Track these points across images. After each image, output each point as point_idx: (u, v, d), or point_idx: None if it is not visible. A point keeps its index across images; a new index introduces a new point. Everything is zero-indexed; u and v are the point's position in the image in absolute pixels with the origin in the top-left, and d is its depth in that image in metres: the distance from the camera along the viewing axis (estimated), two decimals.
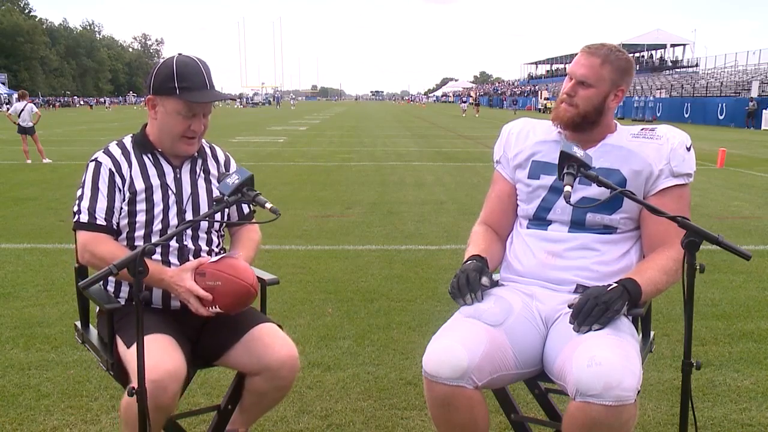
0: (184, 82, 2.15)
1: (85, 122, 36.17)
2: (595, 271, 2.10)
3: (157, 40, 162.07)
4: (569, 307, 1.97)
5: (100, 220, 2.18)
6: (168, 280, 2.11)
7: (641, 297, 1.98)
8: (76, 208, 2.21)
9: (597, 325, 1.89)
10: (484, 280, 2.08)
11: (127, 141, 2.30)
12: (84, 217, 2.18)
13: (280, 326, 2.29)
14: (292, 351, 2.21)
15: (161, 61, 2.24)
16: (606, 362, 1.73)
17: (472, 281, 2.05)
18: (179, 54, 2.23)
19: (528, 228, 2.23)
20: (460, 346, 1.87)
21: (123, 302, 2.24)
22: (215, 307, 2.09)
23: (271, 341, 2.20)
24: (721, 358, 3.61)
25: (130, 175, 2.22)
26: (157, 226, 2.22)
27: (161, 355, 1.94)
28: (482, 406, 1.92)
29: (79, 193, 2.22)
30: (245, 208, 2.44)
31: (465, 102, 57.04)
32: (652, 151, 2.11)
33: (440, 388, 1.87)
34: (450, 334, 1.94)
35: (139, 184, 2.22)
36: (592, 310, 1.90)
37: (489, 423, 1.98)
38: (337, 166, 13.75)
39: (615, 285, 1.97)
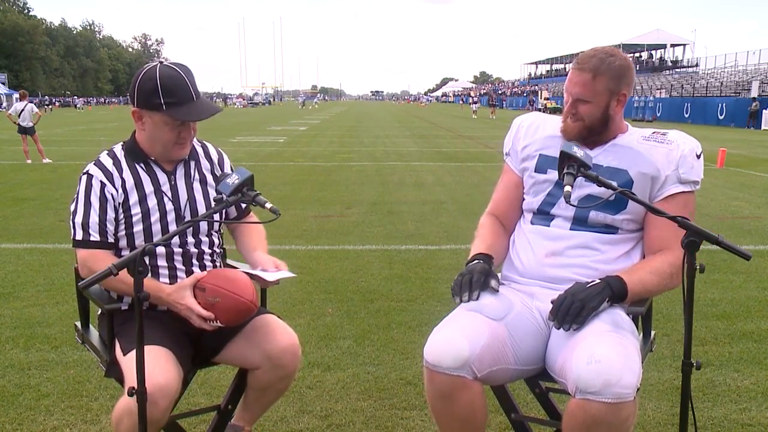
0: (170, 97, 2.09)
1: (85, 122, 36.16)
2: (594, 269, 2.10)
3: (157, 40, 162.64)
4: (551, 302, 1.97)
5: (94, 236, 2.15)
6: (166, 297, 2.10)
7: (627, 295, 1.98)
8: (70, 224, 2.18)
9: (575, 324, 1.90)
10: (494, 284, 2.08)
11: (119, 150, 2.26)
12: (79, 234, 2.15)
13: (279, 317, 2.30)
14: (293, 338, 2.22)
15: (143, 71, 2.14)
16: (605, 360, 1.74)
17: (475, 283, 2.06)
18: (161, 63, 2.17)
19: (532, 224, 2.24)
20: (461, 336, 1.89)
21: (126, 306, 2.22)
22: (216, 322, 2.09)
23: (272, 330, 2.21)
24: (721, 358, 3.61)
25: (123, 186, 2.18)
26: (156, 235, 2.20)
27: (154, 367, 1.90)
28: (482, 399, 1.93)
29: (72, 207, 2.19)
30: (242, 206, 2.43)
31: (475, 103, 52.03)
32: (661, 156, 2.10)
33: (441, 379, 1.88)
34: (452, 325, 1.96)
35: (133, 196, 2.19)
36: (569, 308, 1.91)
37: (488, 419, 1.98)
38: (337, 166, 13.75)
39: (598, 281, 1.98)
